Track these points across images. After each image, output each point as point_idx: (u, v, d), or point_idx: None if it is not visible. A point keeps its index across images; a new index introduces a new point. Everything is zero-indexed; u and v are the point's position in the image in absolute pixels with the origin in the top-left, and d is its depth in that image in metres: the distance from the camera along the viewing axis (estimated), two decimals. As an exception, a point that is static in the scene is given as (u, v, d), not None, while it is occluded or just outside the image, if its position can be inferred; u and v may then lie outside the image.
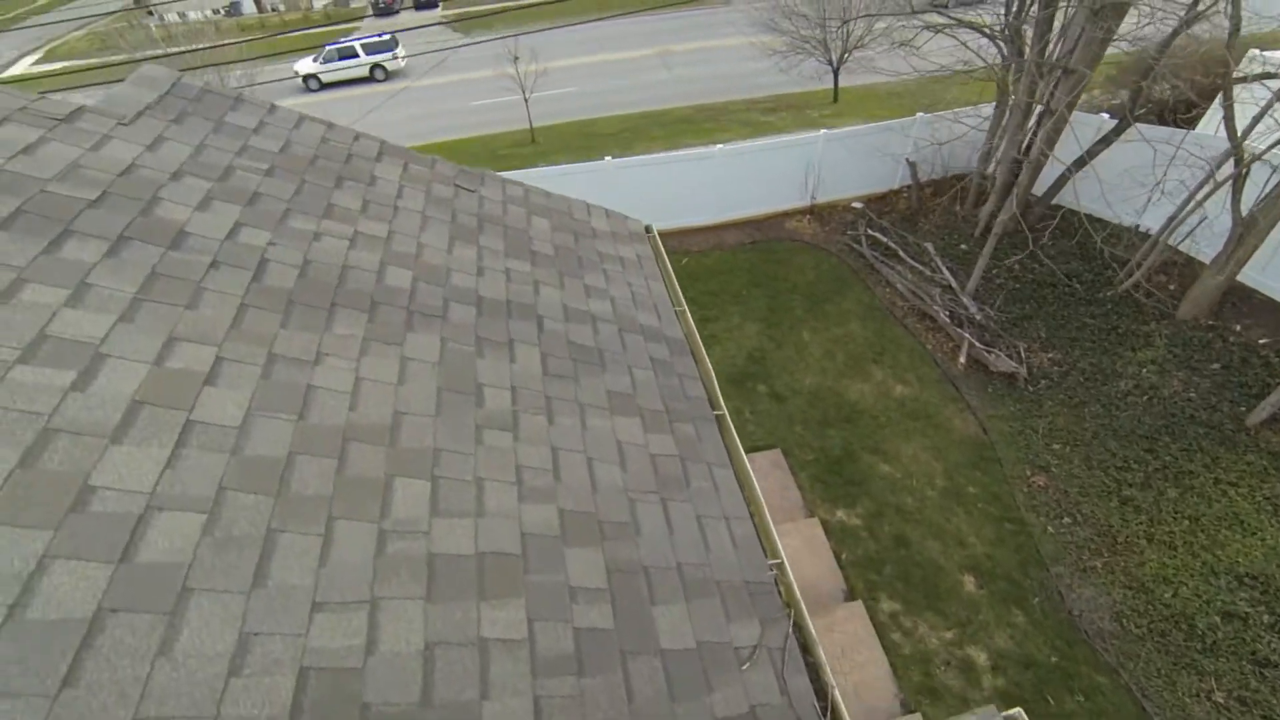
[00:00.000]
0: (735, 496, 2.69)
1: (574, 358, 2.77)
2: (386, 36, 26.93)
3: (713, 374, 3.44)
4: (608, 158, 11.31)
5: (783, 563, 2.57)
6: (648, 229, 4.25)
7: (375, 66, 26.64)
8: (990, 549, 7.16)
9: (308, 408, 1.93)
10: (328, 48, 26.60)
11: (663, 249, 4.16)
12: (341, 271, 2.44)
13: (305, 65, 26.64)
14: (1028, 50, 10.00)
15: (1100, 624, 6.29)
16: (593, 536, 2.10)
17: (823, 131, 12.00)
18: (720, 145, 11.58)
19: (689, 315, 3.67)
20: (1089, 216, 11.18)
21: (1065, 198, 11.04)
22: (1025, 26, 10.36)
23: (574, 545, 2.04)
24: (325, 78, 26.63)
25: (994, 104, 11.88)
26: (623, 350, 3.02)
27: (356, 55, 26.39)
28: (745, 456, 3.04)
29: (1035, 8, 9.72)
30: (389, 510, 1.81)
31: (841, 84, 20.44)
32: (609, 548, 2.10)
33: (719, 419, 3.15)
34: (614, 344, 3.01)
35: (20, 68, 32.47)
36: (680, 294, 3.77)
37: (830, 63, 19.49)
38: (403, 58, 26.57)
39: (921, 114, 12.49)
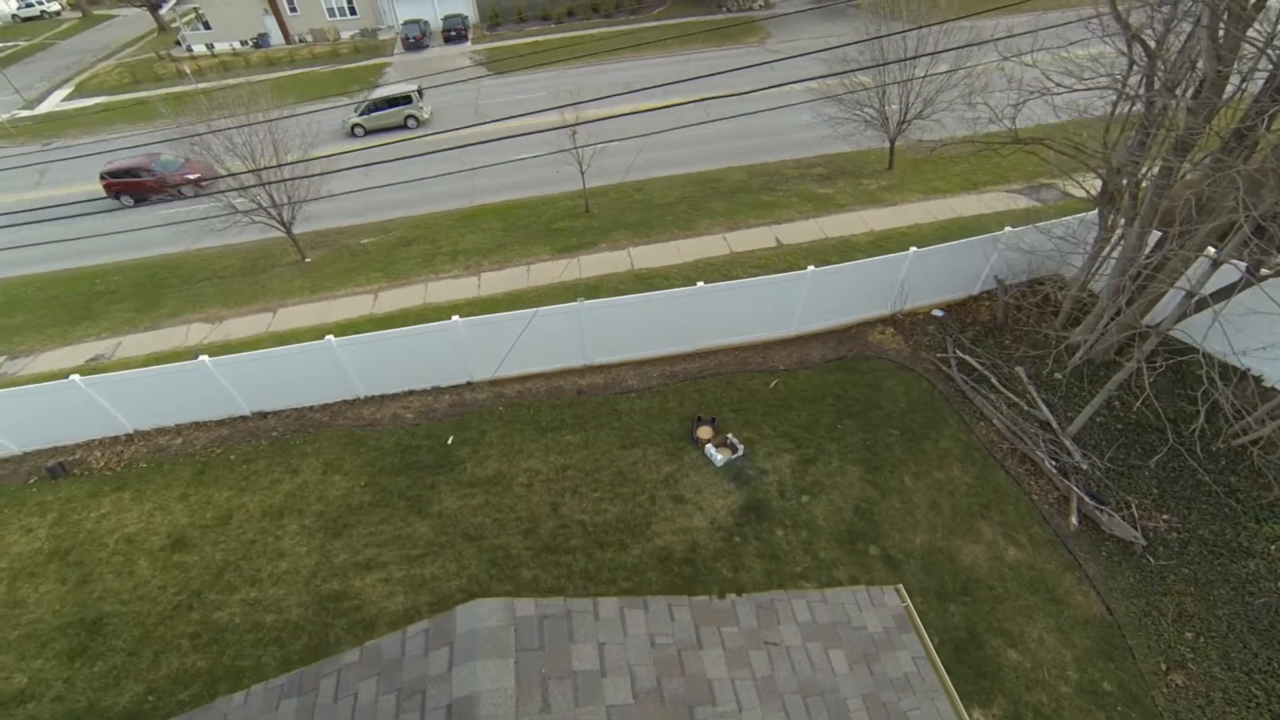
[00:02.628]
0: None
1: None
2: None
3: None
4: (700, 283, 11.06)
5: None
6: (899, 595, 4.09)
7: None
8: (1140, 767, 7.01)
9: None
10: None
11: (916, 617, 4.00)
12: None
13: None
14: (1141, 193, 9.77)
15: None
16: None
17: (912, 250, 11.76)
18: (812, 268, 11.34)
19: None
20: (1195, 349, 10.94)
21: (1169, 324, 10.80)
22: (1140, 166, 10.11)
23: None
24: None
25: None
26: None
27: None
28: None
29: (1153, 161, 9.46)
30: None
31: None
32: None
33: None
34: None
35: (52, 102, 32.02)
36: (961, 709, 3.60)
37: (887, 133, 19.21)
38: None
39: (1010, 227, 12.25)
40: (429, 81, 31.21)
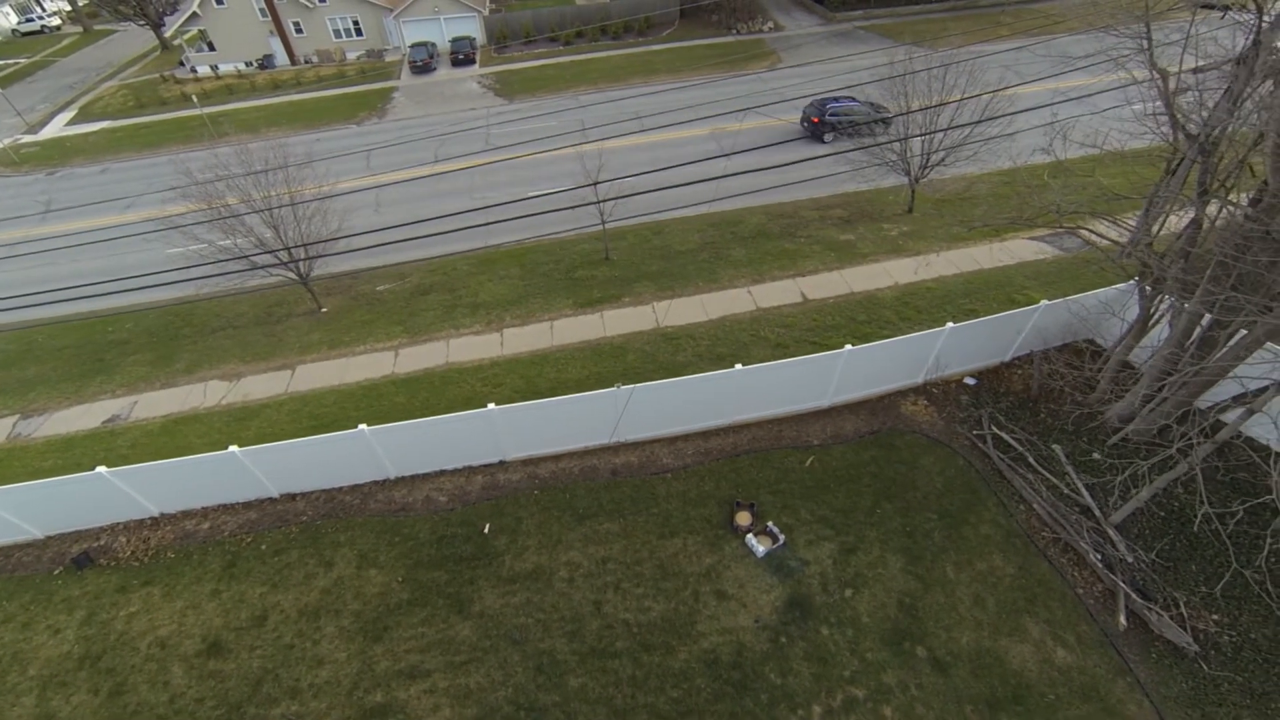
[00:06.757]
0: None
1: None
2: None
3: None
4: (738, 366, 10.91)
5: None
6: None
7: None
8: None
9: None
10: None
11: None
12: None
13: None
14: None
15: None
16: None
17: (948, 325, 11.63)
18: (849, 346, 11.21)
19: None
20: (1249, 441, 10.88)
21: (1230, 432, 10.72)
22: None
23: None
24: None
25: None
26: None
27: None
28: None
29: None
30: None
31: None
32: None
33: None
34: None
35: (55, 127, 31.51)
36: None
37: (909, 176, 19.12)
38: None
39: (1045, 301, 12.15)
40: (440, 108, 30.83)
